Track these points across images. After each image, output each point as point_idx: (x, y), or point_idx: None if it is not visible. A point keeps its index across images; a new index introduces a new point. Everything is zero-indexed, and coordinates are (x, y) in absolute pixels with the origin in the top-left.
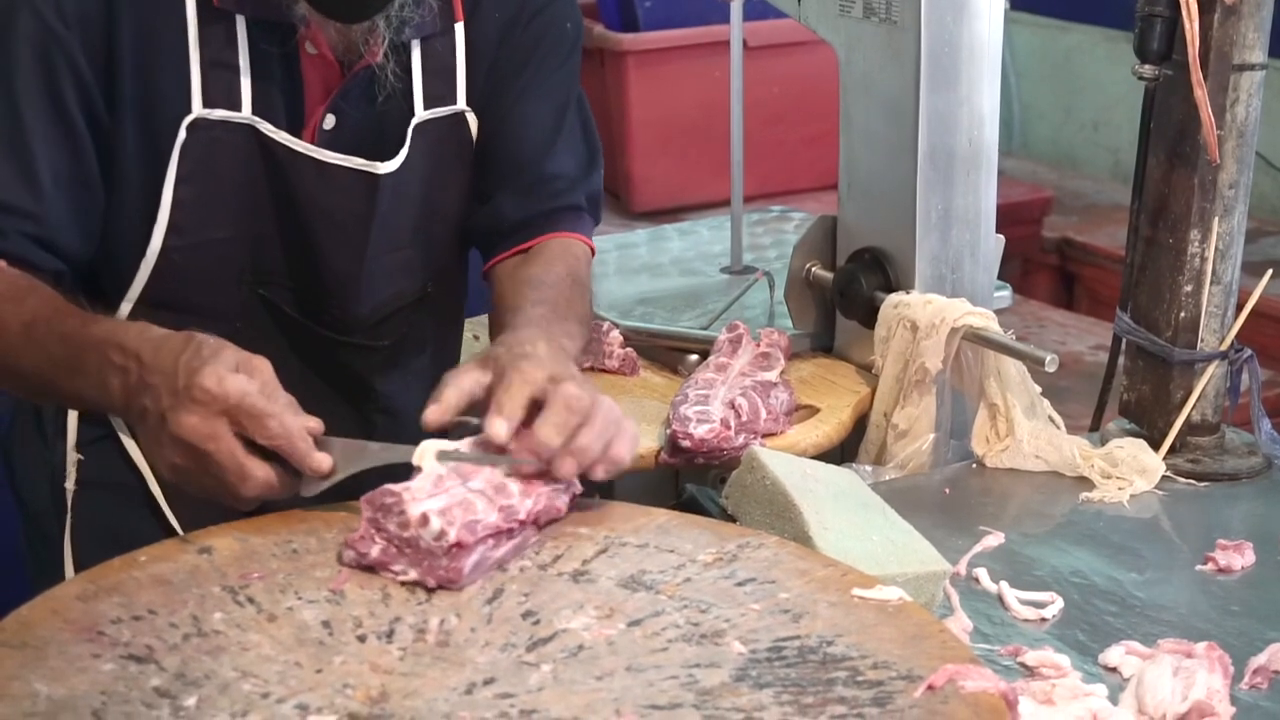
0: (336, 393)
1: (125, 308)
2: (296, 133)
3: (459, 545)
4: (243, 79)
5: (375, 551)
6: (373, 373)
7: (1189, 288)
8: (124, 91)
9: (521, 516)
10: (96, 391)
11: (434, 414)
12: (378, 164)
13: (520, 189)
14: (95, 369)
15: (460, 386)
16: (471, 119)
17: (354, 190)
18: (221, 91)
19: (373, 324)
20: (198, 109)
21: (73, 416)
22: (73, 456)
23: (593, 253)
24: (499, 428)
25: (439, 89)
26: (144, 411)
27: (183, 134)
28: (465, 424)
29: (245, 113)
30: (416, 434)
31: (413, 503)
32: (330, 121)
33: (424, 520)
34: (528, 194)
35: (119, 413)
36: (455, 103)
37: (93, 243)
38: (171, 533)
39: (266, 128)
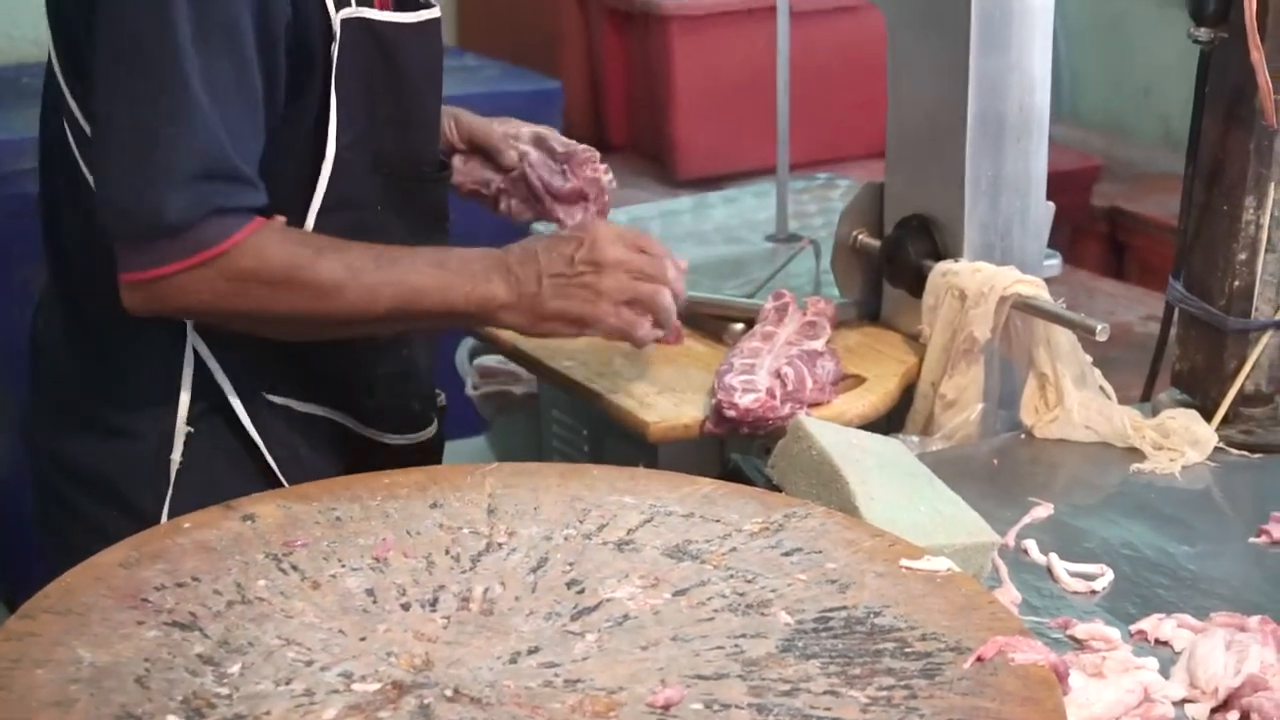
0: (438, 235)
1: (311, 218)
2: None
3: None
4: None
5: None
6: (446, 203)
7: (1243, 255)
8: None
9: None
10: (471, 301)
11: None
12: (435, 9)
13: None
14: (476, 277)
15: None
16: None
17: (435, 38)
18: None
19: (438, 157)
20: (336, 11)
21: (185, 391)
22: (182, 430)
23: None
24: None
25: None
26: (537, 286)
27: (338, 31)
28: None
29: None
30: None
31: None
32: None
33: None
34: None
35: (494, 310)
36: None
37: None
38: None
39: (372, 12)
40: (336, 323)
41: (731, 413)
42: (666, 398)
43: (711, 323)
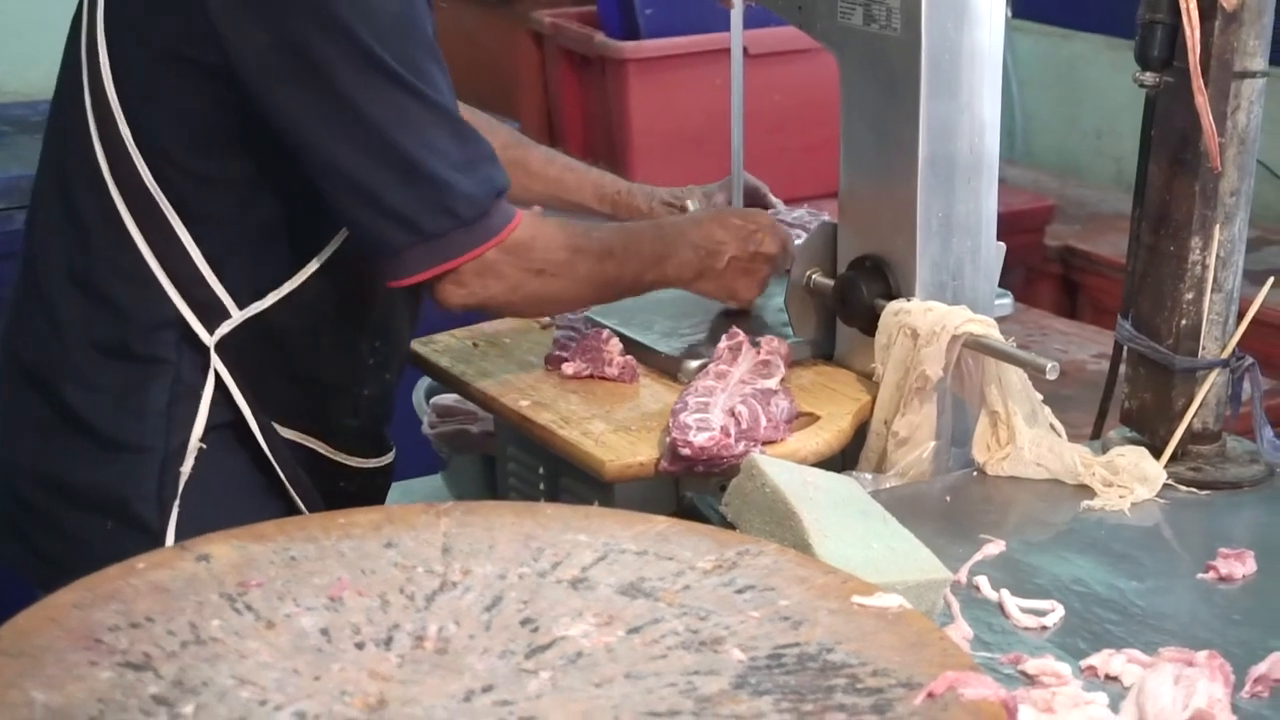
0: None
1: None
2: None
3: None
4: None
5: None
6: None
7: (1190, 295)
8: None
9: None
10: (676, 272)
11: None
12: None
13: None
14: (676, 251)
15: None
16: None
17: None
18: None
19: None
20: None
21: (204, 410)
22: (195, 446)
23: None
24: None
25: None
26: (725, 264)
27: None
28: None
29: None
30: None
31: None
32: None
33: None
34: None
35: (689, 278)
36: None
37: None
38: (290, 510)
39: None
40: (595, 297)
41: (686, 451)
42: (622, 436)
43: (666, 361)
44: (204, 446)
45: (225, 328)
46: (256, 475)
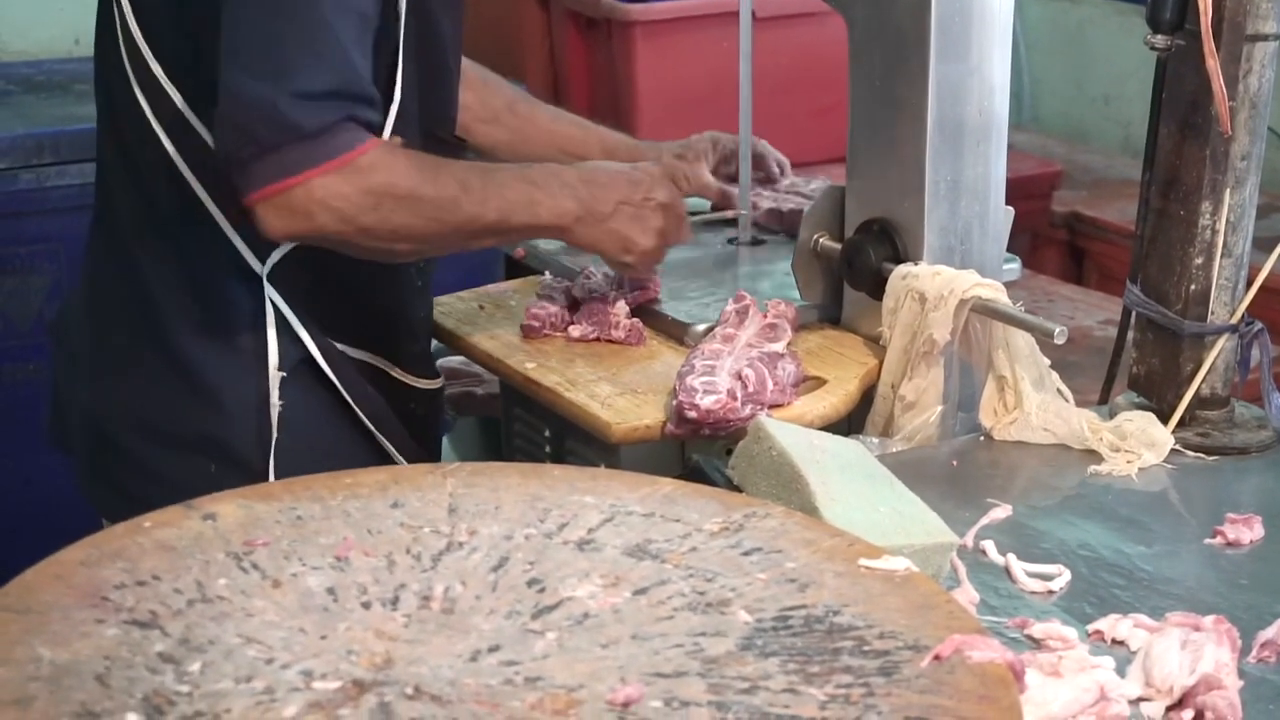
0: None
1: None
2: None
3: None
4: None
5: None
6: None
7: (1199, 260)
8: None
9: None
10: (551, 215)
11: None
12: None
13: None
14: (550, 196)
15: None
16: None
17: (458, 19)
18: None
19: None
20: None
21: (273, 341)
22: (276, 375)
23: None
24: None
25: None
26: (612, 208)
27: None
28: None
29: None
30: None
31: None
32: None
33: None
34: None
35: (569, 224)
36: None
37: None
38: (376, 448)
39: None
40: (449, 238)
41: (692, 414)
42: (628, 399)
43: (673, 324)
44: (285, 374)
45: (275, 256)
46: (335, 405)
